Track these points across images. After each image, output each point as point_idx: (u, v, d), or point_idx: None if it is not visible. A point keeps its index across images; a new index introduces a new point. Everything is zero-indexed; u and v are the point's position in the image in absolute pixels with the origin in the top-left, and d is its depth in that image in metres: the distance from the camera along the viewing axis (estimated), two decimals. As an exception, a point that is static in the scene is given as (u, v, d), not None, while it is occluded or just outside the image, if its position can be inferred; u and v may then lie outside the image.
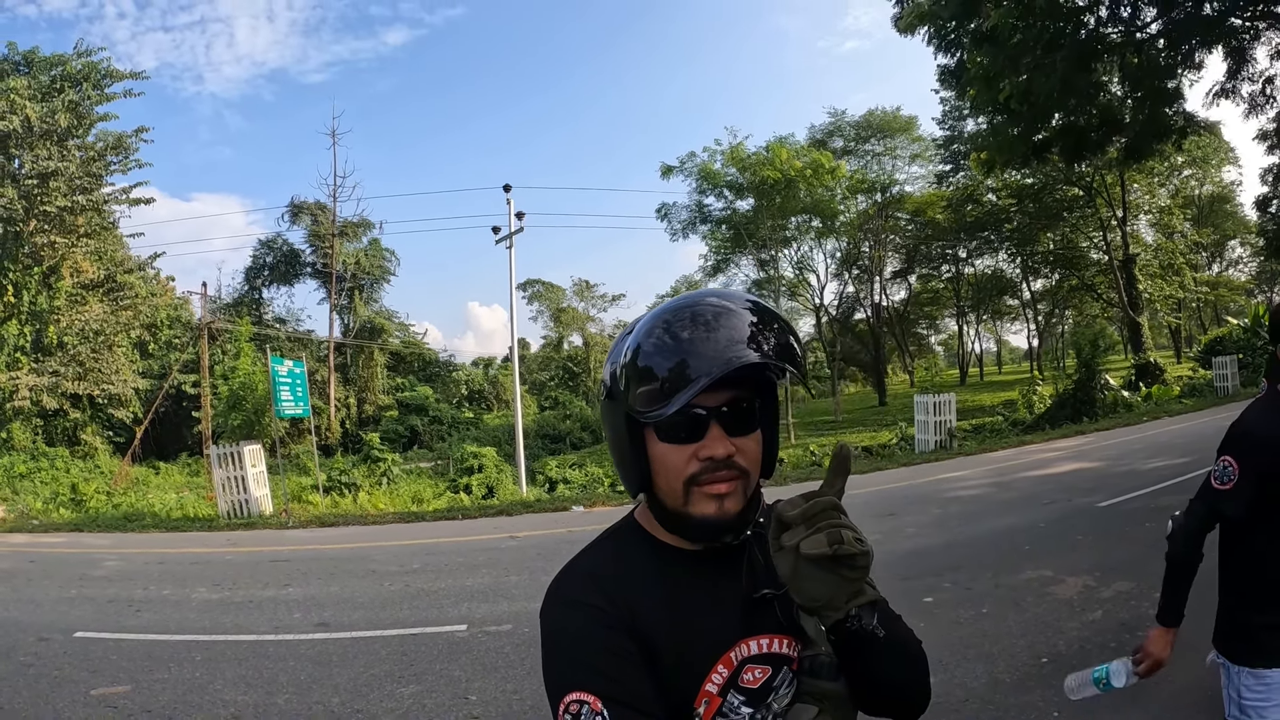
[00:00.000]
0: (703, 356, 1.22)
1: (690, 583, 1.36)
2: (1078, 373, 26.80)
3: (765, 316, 1.29)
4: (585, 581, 1.36)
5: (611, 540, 1.45)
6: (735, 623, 1.36)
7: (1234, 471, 2.59)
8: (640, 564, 1.38)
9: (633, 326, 1.36)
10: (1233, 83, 14.68)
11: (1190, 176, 52.88)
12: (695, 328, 1.25)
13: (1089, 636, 6.24)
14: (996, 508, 12.57)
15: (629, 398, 1.28)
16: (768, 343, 1.25)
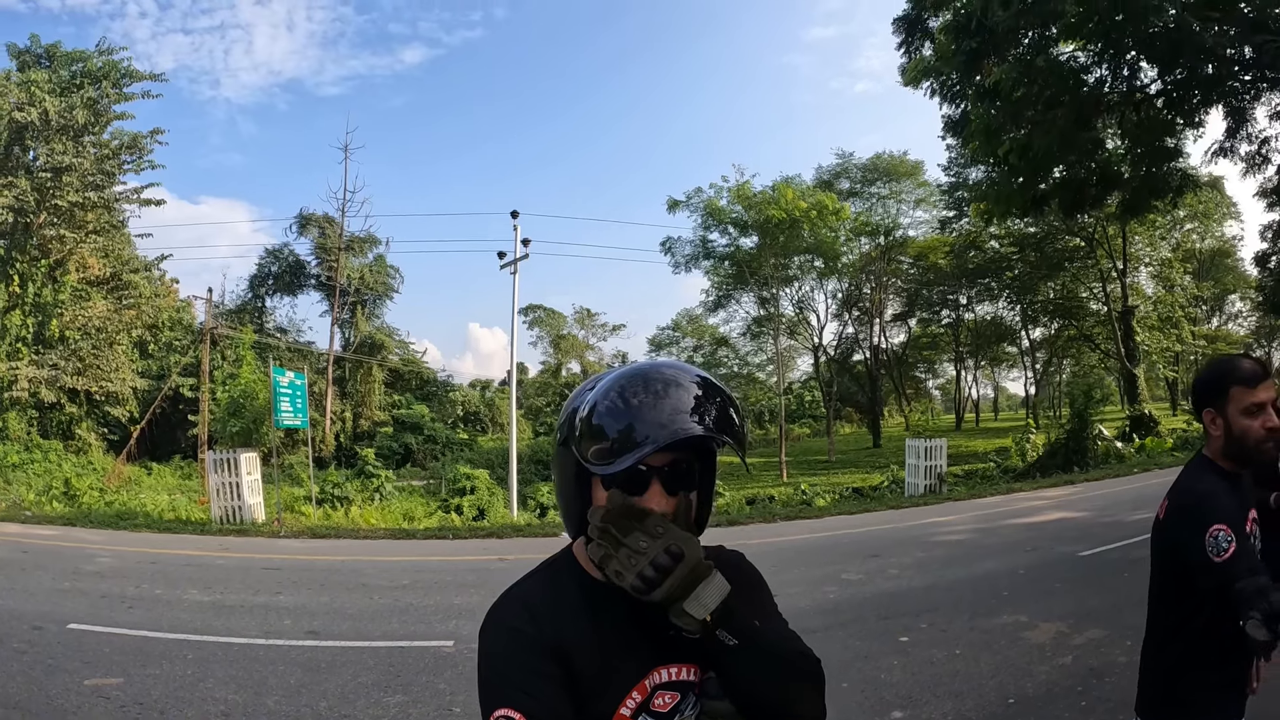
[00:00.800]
0: (651, 423, 1.37)
1: (613, 614, 1.48)
2: (1071, 422, 26.94)
3: (710, 390, 1.45)
4: (518, 607, 1.48)
5: (547, 570, 1.58)
6: (651, 652, 1.49)
7: (1227, 535, 2.49)
8: (570, 595, 1.51)
9: (591, 383, 1.52)
10: (1231, 142, 14.88)
11: (1192, 230, 53.19)
12: (646, 395, 1.40)
13: (1057, 680, 6.39)
14: (979, 553, 12.71)
15: (582, 449, 1.42)
16: (709, 415, 1.41)
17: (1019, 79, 13.54)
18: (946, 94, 15.29)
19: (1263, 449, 2.58)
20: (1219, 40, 12.16)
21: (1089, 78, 14.30)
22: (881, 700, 6.17)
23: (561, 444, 1.50)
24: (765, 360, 57.44)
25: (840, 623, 8.42)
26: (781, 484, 32.98)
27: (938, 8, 14.88)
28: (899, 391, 65.64)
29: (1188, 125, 14.85)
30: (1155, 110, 14.67)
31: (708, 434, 1.39)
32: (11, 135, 31.35)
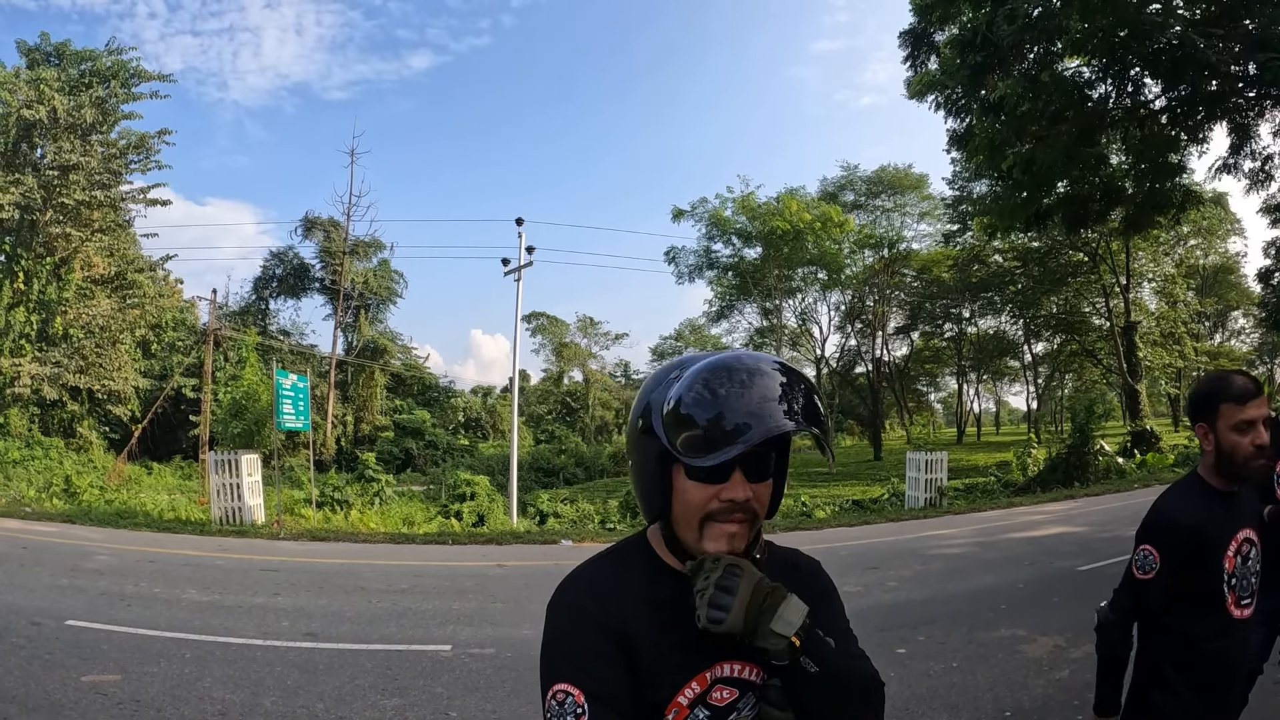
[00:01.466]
0: (743, 414, 1.36)
1: (682, 603, 1.46)
2: (1072, 437, 26.89)
3: (794, 379, 1.43)
4: (585, 587, 1.52)
5: (618, 554, 1.61)
6: (715, 646, 1.48)
7: (1154, 560, 2.66)
8: (639, 579, 1.53)
9: (675, 368, 1.50)
10: (1235, 158, 14.88)
11: (1195, 246, 53.21)
12: (733, 385, 1.39)
13: (1053, 694, 6.39)
14: (978, 566, 12.71)
15: (673, 439, 1.39)
16: (798, 406, 1.39)
17: (1023, 94, 13.59)
18: (951, 108, 15.34)
19: (1251, 466, 2.60)
20: (1222, 57, 12.19)
21: (1093, 93, 14.34)
22: (877, 711, 6.16)
23: (644, 432, 1.48)
24: (767, 371, 57.39)
25: (837, 633, 8.41)
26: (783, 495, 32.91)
27: (943, 22, 14.95)
28: (900, 404, 65.62)
29: (1191, 141, 14.87)
30: (1159, 126, 14.70)
31: (800, 428, 1.38)
32: (19, 132, 31.48)
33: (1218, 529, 2.64)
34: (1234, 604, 2.64)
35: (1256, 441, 2.56)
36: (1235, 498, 2.69)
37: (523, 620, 9.45)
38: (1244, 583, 2.66)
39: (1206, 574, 2.62)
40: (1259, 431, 2.57)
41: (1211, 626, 2.63)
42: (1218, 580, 2.62)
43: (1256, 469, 2.62)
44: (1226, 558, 2.63)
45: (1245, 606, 2.67)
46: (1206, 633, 2.63)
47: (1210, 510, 2.65)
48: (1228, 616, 2.63)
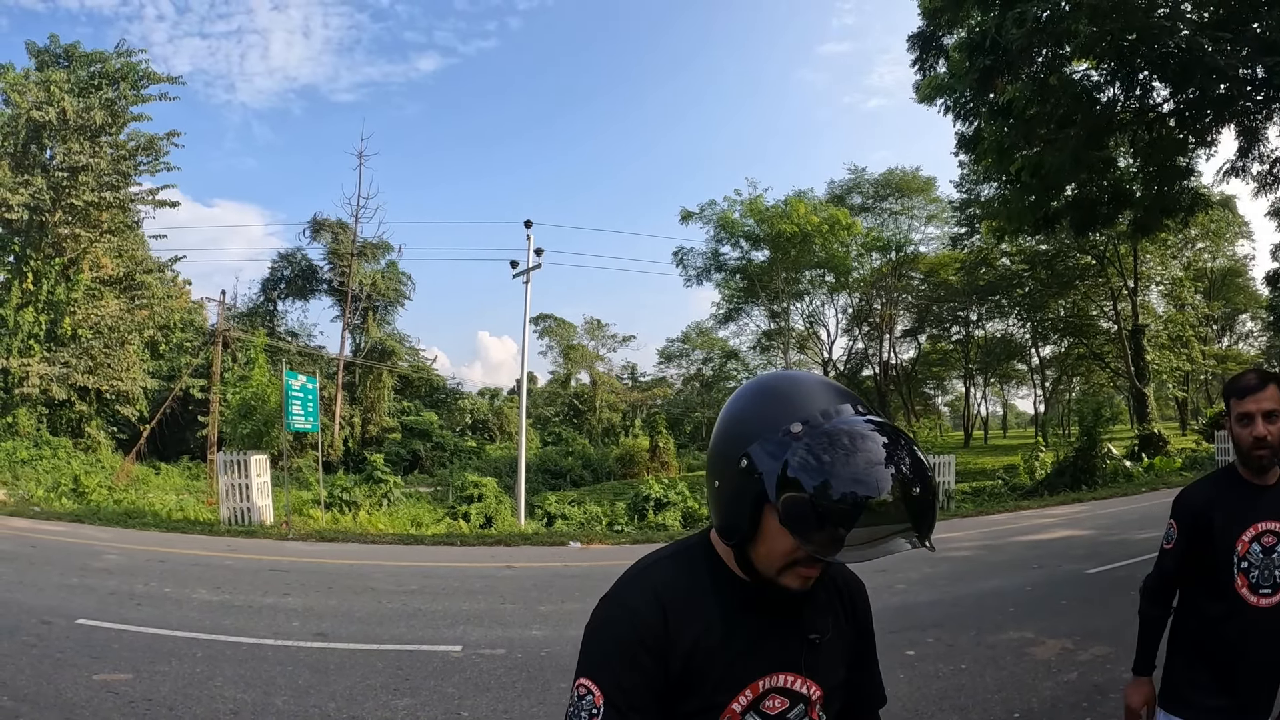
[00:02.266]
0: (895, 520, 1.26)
1: (745, 611, 1.48)
2: (1079, 441, 26.88)
3: (927, 484, 1.32)
4: (647, 593, 1.47)
5: (684, 556, 1.55)
6: (774, 655, 1.49)
7: (1174, 532, 2.99)
8: (705, 584, 1.49)
9: (795, 422, 1.34)
10: (1243, 161, 14.84)
11: (1203, 249, 53.10)
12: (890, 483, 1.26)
13: (1062, 696, 6.39)
14: (986, 569, 12.70)
15: (801, 523, 1.26)
16: (926, 519, 1.29)
17: (1032, 97, 13.60)
18: (959, 111, 15.35)
19: (1251, 455, 2.79)
20: (1230, 60, 12.18)
21: (1101, 96, 14.34)
22: (887, 714, 6.10)
23: (746, 472, 1.35)
24: (775, 374, 57.37)
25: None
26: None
27: (952, 25, 14.95)
28: (908, 408, 65.44)
29: (1199, 144, 14.87)
30: (1167, 129, 14.70)
31: (925, 543, 1.30)
32: (29, 134, 31.61)
33: (1230, 513, 2.83)
34: (1247, 588, 2.80)
35: (1255, 433, 2.75)
36: (1266, 490, 2.84)
37: (533, 621, 9.48)
38: (1265, 573, 2.79)
39: (1215, 553, 2.84)
40: (1257, 424, 2.74)
41: (1223, 608, 2.83)
42: (1227, 562, 2.81)
43: (1255, 457, 2.78)
44: (1240, 542, 2.80)
45: (1265, 595, 2.79)
46: (1218, 614, 2.84)
47: (1227, 496, 2.87)
48: (1239, 601, 2.80)
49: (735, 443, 1.40)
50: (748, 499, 1.36)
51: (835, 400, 1.38)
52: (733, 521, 1.41)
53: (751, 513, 1.36)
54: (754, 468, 1.34)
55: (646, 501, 23.65)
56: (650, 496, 23.80)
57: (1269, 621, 2.79)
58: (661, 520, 22.33)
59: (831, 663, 1.58)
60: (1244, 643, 2.81)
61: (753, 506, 1.36)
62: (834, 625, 1.60)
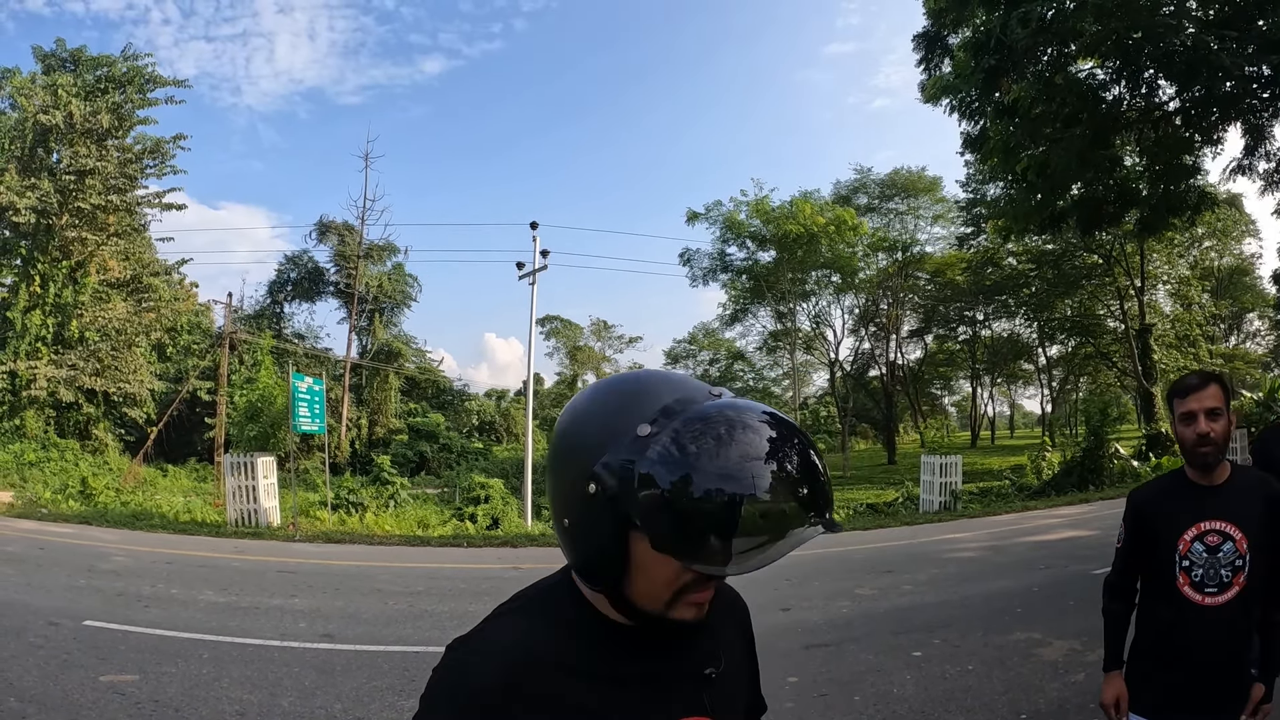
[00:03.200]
0: (783, 502, 1.06)
1: (628, 660, 1.22)
2: (1086, 441, 26.81)
3: (814, 466, 1.12)
4: (493, 669, 1.16)
5: (534, 607, 1.27)
6: (676, 701, 1.25)
7: (1123, 532, 3.12)
8: (578, 638, 1.21)
9: (644, 424, 1.11)
10: (1250, 159, 14.77)
11: (1210, 248, 52.94)
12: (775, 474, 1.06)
13: (1069, 697, 6.37)
14: (992, 570, 12.67)
15: (676, 543, 1.06)
16: (822, 500, 1.11)
17: (1038, 96, 13.57)
18: (965, 110, 15.30)
19: (1196, 453, 2.87)
20: (1236, 58, 12.12)
21: (1107, 95, 14.30)
22: (893, 714, 6.17)
23: (606, 498, 1.10)
24: (781, 375, 57.63)
25: (853, 637, 8.42)
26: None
27: (957, 25, 14.92)
28: (914, 408, 65.44)
29: (1206, 143, 14.80)
30: (1173, 128, 14.65)
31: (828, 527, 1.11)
32: (36, 137, 31.74)
33: (1173, 513, 2.94)
34: (1190, 587, 2.88)
35: (1198, 430, 2.83)
36: (1214, 491, 2.91)
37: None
38: (1209, 572, 2.86)
39: (1157, 551, 2.95)
40: (1200, 422, 2.83)
41: (1169, 607, 2.93)
42: (1169, 560, 2.91)
43: (1199, 455, 2.86)
44: (1182, 541, 2.89)
45: (1211, 594, 2.86)
46: (1166, 614, 2.94)
47: (1172, 496, 2.99)
48: (1183, 599, 2.89)
49: (577, 467, 1.14)
50: (607, 530, 1.11)
51: (691, 390, 1.16)
52: (596, 562, 1.16)
53: (616, 546, 1.12)
54: (604, 490, 1.10)
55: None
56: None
57: (1216, 620, 2.87)
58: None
59: (735, 692, 1.40)
60: (1191, 641, 2.90)
61: (615, 538, 1.12)
62: (729, 649, 1.39)
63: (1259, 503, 2.91)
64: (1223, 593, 2.85)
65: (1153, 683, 3.00)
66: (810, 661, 7.49)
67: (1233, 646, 2.89)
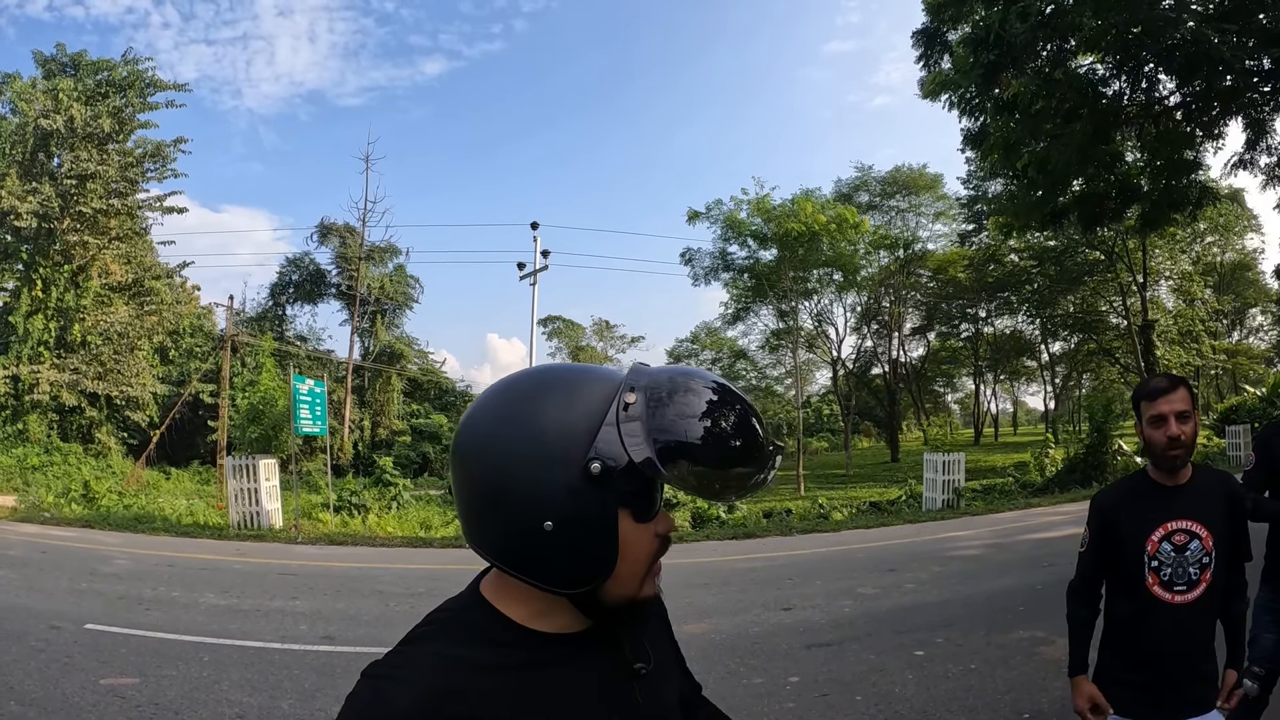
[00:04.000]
0: (762, 444, 1.15)
1: (574, 675, 1.19)
2: (1090, 437, 26.73)
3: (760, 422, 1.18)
4: (414, 698, 1.08)
5: (458, 630, 1.20)
6: (626, 707, 1.22)
7: (1086, 536, 3.18)
8: (499, 656, 1.15)
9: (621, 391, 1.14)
10: (1251, 154, 14.72)
11: (1212, 243, 52.84)
12: (745, 412, 1.16)
13: (1072, 697, 6.35)
14: (996, 568, 12.63)
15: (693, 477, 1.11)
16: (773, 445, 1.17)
17: (1037, 92, 13.54)
18: (965, 107, 15.27)
19: (1166, 456, 2.90)
20: (1236, 52, 12.09)
21: (1107, 90, 14.26)
22: (895, 714, 6.15)
23: (596, 480, 1.09)
24: (784, 373, 57.37)
25: (855, 636, 8.39)
26: (799, 497, 32.87)
27: (956, 21, 14.89)
28: (917, 406, 65.46)
29: (1207, 137, 14.75)
30: (1174, 122, 14.59)
31: (776, 450, 1.18)
32: (37, 142, 31.77)
33: (1139, 515, 2.97)
34: (1159, 586, 2.92)
35: (1169, 433, 2.86)
36: (1177, 491, 2.96)
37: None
38: (1178, 570, 2.90)
39: (1124, 552, 2.98)
40: (1170, 424, 2.86)
41: (1136, 607, 2.96)
42: (1137, 561, 2.94)
43: (1171, 458, 2.89)
44: (1150, 541, 2.92)
45: (1180, 592, 2.90)
46: (1133, 613, 2.98)
47: (1136, 498, 3.03)
48: (1152, 599, 2.92)
49: (563, 459, 1.10)
50: (603, 513, 1.11)
51: (611, 369, 1.21)
52: (594, 557, 1.12)
53: (613, 529, 1.12)
54: (606, 467, 1.09)
55: (656, 502, 23.49)
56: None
57: (1185, 617, 2.91)
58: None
59: (666, 686, 1.36)
60: (1161, 639, 2.93)
61: (612, 519, 1.11)
62: (654, 642, 1.34)
63: (1220, 500, 2.97)
64: (1191, 590, 2.90)
65: (1125, 683, 3.03)
66: (811, 661, 7.47)
67: (1204, 639, 2.96)
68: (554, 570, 1.13)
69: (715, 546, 17.57)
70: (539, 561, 1.13)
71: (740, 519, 22.91)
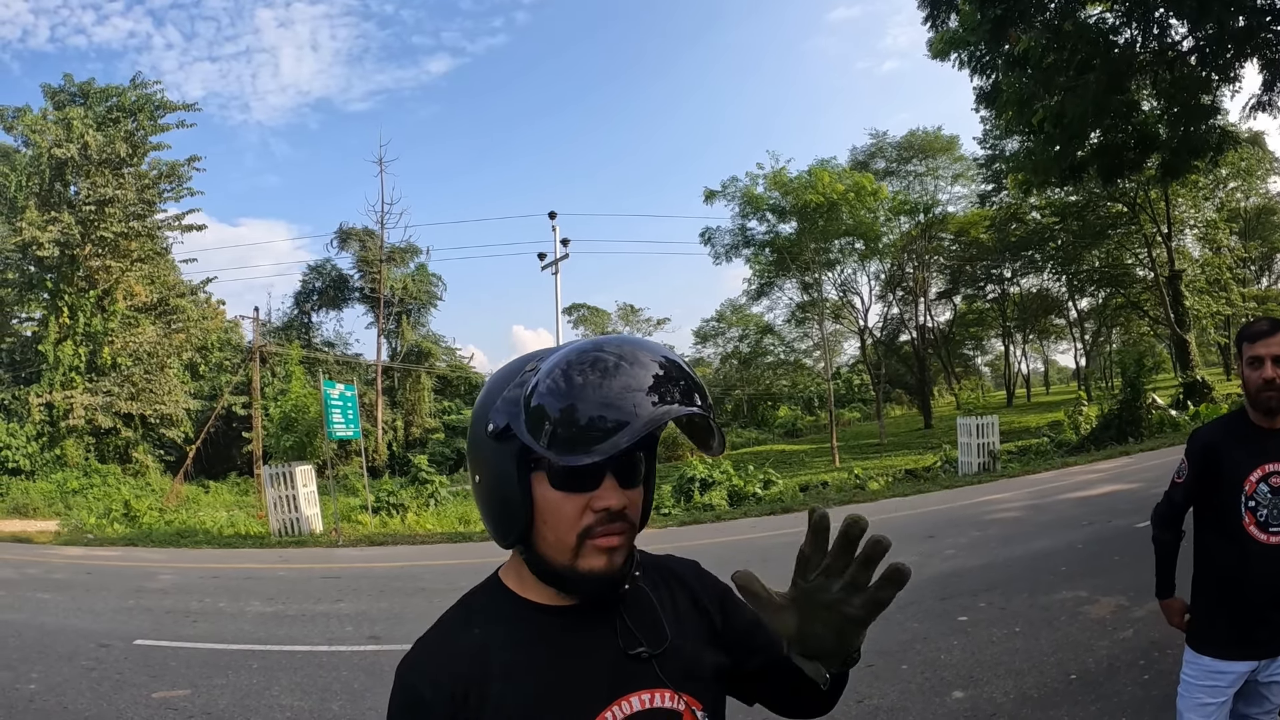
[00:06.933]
0: (631, 402, 1.15)
1: (562, 642, 1.29)
2: (1122, 392, 26.53)
3: (675, 369, 1.21)
4: (427, 664, 1.29)
5: (467, 608, 1.36)
6: (611, 680, 1.29)
7: (1185, 468, 3.19)
8: (503, 630, 1.30)
9: (527, 364, 1.27)
10: (1269, 95, 14.47)
11: (1235, 189, 52.00)
12: (610, 371, 1.18)
13: (1119, 655, 6.31)
14: (1035, 529, 12.58)
15: (539, 437, 1.15)
16: (678, 388, 1.19)
17: (1048, 45, 13.35)
18: (975, 65, 15.11)
19: (1260, 397, 2.93)
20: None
21: (1118, 39, 14.04)
22: (942, 680, 6.14)
23: (497, 437, 1.23)
24: (811, 346, 57.17)
25: (898, 605, 8.25)
26: (834, 469, 32.78)
27: (961, -23, 14.70)
28: (947, 370, 64.96)
29: (1223, 81, 14.47)
30: (1189, 68, 14.35)
31: (701, 409, 1.19)
32: (52, 172, 32.09)
33: (1238, 455, 2.99)
34: (1255, 526, 2.95)
35: (1264, 376, 2.89)
36: (1275, 433, 2.97)
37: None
38: (1274, 512, 2.93)
39: (1222, 492, 3.01)
40: (1266, 367, 2.88)
41: (1234, 547, 2.99)
42: (1234, 501, 2.97)
43: (1265, 399, 2.92)
44: (1248, 482, 2.95)
45: (1275, 534, 2.93)
46: (1231, 553, 3.00)
47: (1236, 438, 3.05)
48: (1249, 539, 2.95)
49: (479, 422, 1.28)
50: (510, 469, 1.23)
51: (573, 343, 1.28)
52: (507, 512, 1.26)
53: (521, 489, 1.23)
54: (502, 429, 1.22)
55: (691, 482, 23.54)
56: (695, 477, 23.67)
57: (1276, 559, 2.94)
58: (708, 500, 22.24)
59: (696, 661, 1.39)
60: (1257, 580, 2.95)
61: (520, 479, 1.23)
62: (682, 622, 1.41)
63: None
64: None
65: (1216, 621, 3.07)
66: (855, 633, 7.45)
67: None
68: (490, 525, 1.32)
69: (753, 523, 17.61)
70: (485, 518, 1.32)
71: (777, 494, 22.94)
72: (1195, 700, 3.08)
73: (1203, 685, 3.07)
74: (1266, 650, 2.97)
